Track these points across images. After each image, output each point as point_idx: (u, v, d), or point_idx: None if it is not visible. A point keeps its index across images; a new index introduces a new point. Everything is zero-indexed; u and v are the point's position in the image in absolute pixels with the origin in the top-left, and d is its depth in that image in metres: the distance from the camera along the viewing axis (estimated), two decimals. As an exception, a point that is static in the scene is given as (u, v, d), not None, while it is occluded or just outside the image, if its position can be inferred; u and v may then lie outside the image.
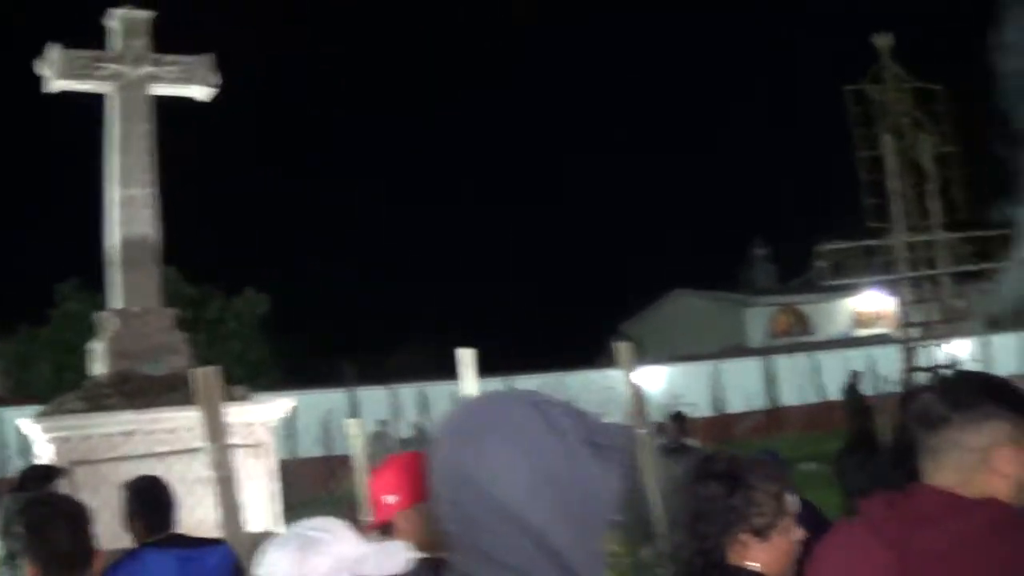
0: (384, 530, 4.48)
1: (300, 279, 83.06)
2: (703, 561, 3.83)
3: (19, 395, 42.79)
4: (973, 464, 3.15)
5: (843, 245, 40.30)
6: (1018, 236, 41.19)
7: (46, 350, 43.91)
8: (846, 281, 41.50)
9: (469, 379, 11.22)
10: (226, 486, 7.96)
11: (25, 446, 34.24)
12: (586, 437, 2.18)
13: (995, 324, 52.25)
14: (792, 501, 4.00)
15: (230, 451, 8.23)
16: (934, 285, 41.17)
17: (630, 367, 11.12)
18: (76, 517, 4.40)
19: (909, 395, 14.48)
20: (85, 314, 42.61)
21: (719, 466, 3.97)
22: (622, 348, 11.24)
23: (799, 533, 3.98)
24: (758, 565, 3.85)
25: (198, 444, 11.22)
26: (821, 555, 3.48)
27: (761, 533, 3.84)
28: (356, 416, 37.27)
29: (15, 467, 34.15)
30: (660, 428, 14.66)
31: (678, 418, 15.95)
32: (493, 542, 2.11)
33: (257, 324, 46.75)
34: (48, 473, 8.48)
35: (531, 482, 2.11)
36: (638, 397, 10.84)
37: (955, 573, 3.04)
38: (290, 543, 3.34)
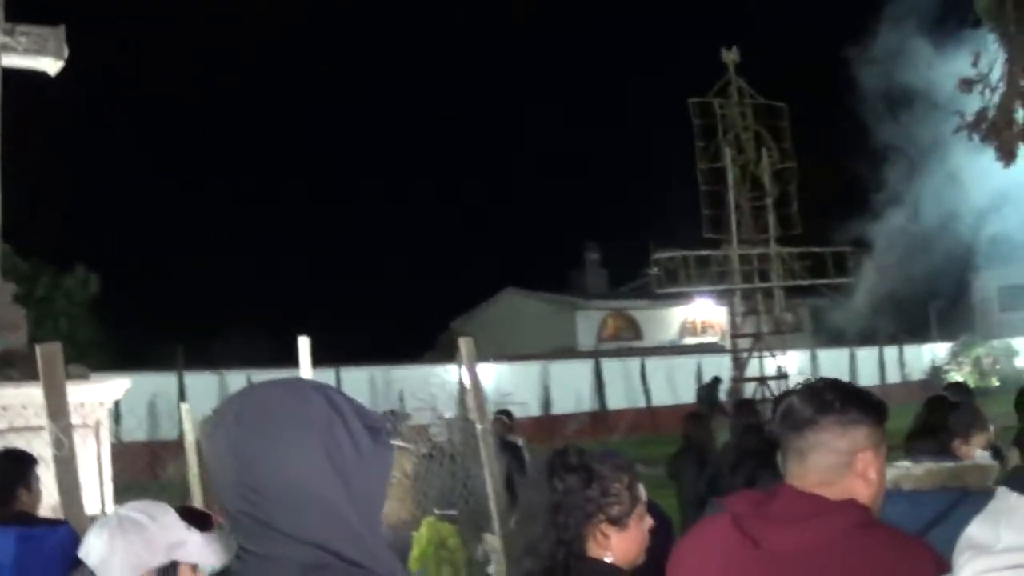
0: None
1: (130, 260, 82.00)
2: (565, 552, 3.93)
3: None
4: (837, 467, 3.28)
5: (677, 253, 40.84)
6: (858, 255, 42.17)
7: None
8: (678, 289, 42.06)
9: (305, 367, 11.20)
10: (67, 466, 7.90)
11: None
12: (364, 422, 2.33)
13: (837, 338, 53.43)
14: (642, 490, 4.14)
15: (70, 430, 8.17)
16: (766, 298, 41.90)
17: (472, 361, 11.17)
18: None
19: (741, 403, 14.79)
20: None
21: (573, 459, 4.07)
22: (464, 342, 11.28)
23: (650, 521, 4.12)
24: (611, 556, 3.97)
25: (36, 422, 11.08)
26: (685, 547, 3.59)
27: (618, 522, 3.96)
28: (183, 400, 37.00)
29: None
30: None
31: (503, 415, 16.22)
32: (291, 521, 2.21)
33: (87, 303, 46.03)
34: None
35: (326, 465, 2.23)
36: (478, 391, 10.89)
37: (813, 573, 3.18)
38: (108, 525, 3.40)
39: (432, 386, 35.00)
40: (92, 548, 3.40)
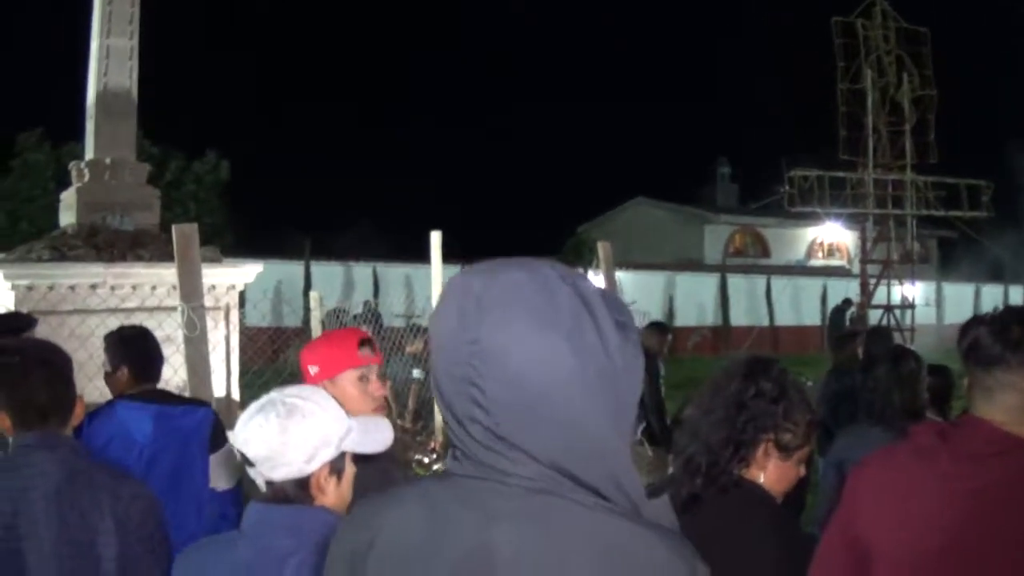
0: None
1: (261, 149, 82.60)
2: (731, 451, 3.81)
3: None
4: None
5: (812, 172, 40.20)
6: (993, 190, 41.31)
7: (3, 199, 43.37)
8: (810, 209, 41.39)
9: (436, 262, 11.15)
10: (198, 347, 7.89)
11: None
12: (615, 317, 2.02)
13: (963, 273, 52.62)
14: (813, 440, 4.01)
15: (203, 312, 8.14)
16: (898, 225, 41.22)
17: (609, 267, 11.05)
18: (52, 364, 4.15)
19: (876, 330, 14.46)
20: (45, 165, 42.39)
21: (773, 370, 3.94)
22: (603, 247, 11.17)
23: (803, 470, 3.99)
24: (762, 479, 3.85)
25: (166, 302, 11.13)
26: (865, 476, 3.44)
27: (784, 450, 3.83)
28: (308, 289, 37.36)
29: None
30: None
31: (658, 327, 13.74)
32: (525, 432, 1.95)
33: (216, 189, 46.34)
34: (18, 323, 8.20)
35: (572, 367, 1.93)
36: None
37: (999, 510, 3.02)
38: (273, 412, 3.23)
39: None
40: (255, 438, 3.22)
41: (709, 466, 3.83)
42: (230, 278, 12.44)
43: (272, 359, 18.13)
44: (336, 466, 3.34)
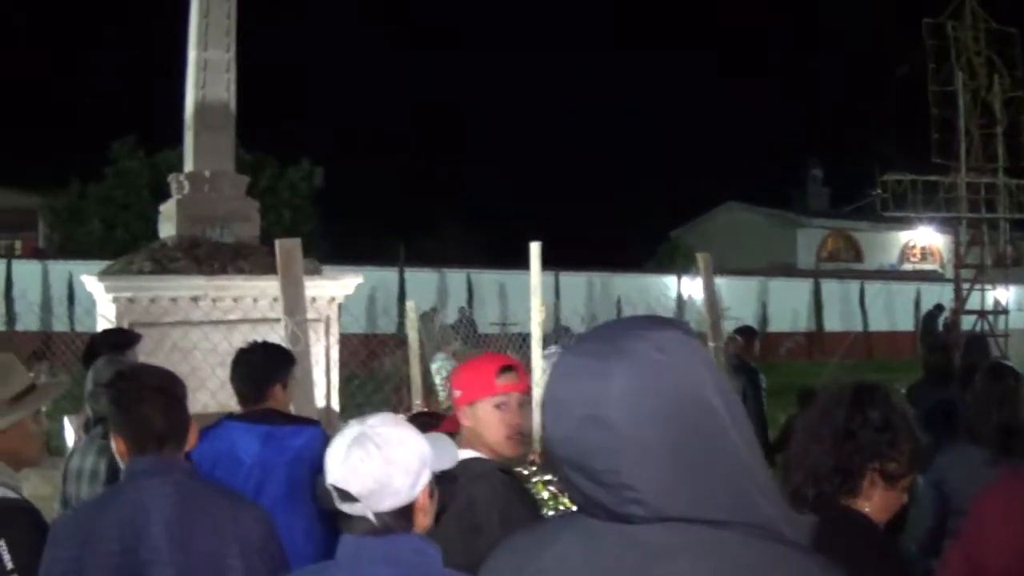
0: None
1: (354, 156, 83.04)
2: (839, 480, 3.76)
3: (67, 250, 42.83)
4: None
5: (905, 177, 39.77)
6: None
7: (97, 206, 43.88)
8: (904, 214, 40.94)
9: (535, 271, 11.13)
10: (301, 361, 7.88)
11: (73, 300, 34.67)
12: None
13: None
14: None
15: (306, 326, 8.15)
16: (991, 229, 40.68)
17: (709, 277, 10.98)
18: (168, 390, 4.19)
19: (975, 339, 14.27)
20: (140, 173, 42.90)
21: (880, 397, 3.90)
22: (702, 258, 11.09)
23: (906, 498, 3.94)
24: (868, 508, 3.80)
25: (269, 315, 11.16)
26: (988, 504, 3.39)
27: (889, 479, 3.79)
28: (403, 296, 37.50)
29: (61, 321, 34.35)
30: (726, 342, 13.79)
31: (747, 333, 13.55)
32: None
33: (310, 196, 46.64)
34: (122, 339, 8.24)
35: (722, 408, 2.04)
36: (714, 307, 10.70)
37: None
38: (370, 442, 3.22)
39: (650, 296, 34.98)
40: (359, 473, 3.21)
41: (816, 496, 3.80)
42: (330, 290, 12.46)
43: (366, 365, 18.17)
44: (432, 487, 3.37)
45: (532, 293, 12.31)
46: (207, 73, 13.16)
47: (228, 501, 4.08)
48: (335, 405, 12.55)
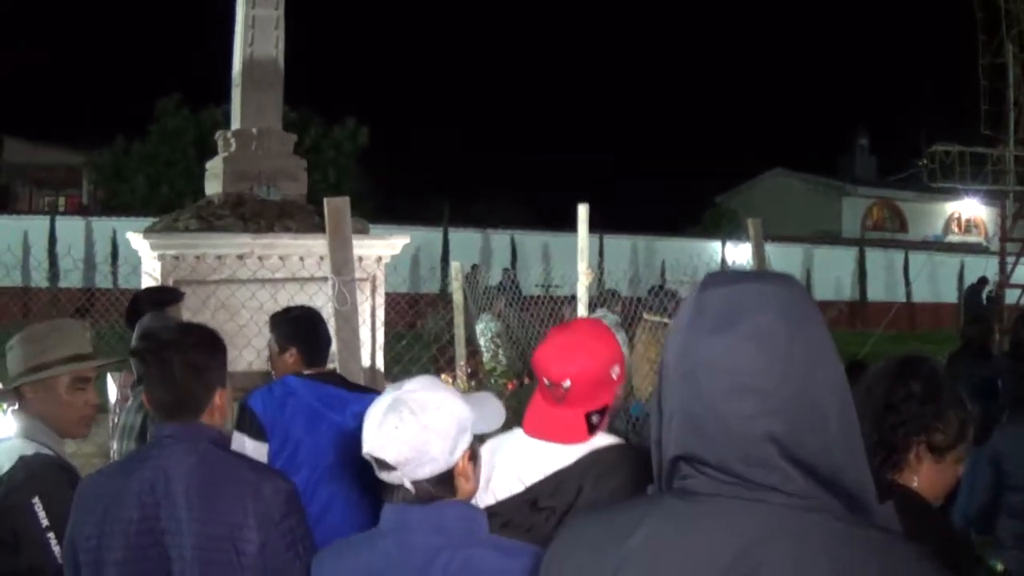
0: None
1: (399, 115, 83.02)
2: (881, 458, 3.69)
3: (111, 207, 42.95)
4: None
5: (953, 148, 39.41)
6: None
7: (142, 164, 43.93)
8: (951, 185, 40.55)
9: (583, 233, 11.07)
10: (348, 321, 7.85)
11: (116, 257, 34.74)
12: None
13: None
14: (970, 434, 3.85)
15: (354, 285, 8.10)
16: (1040, 202, 40.24)
17: (760, 243, 10.88)
18: (197, 354, 4.00)
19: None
20: (184, 131, 42.93)
21: (924, 369, 3.83)
22: (753, 223, 10.99)
23: (961, 469, 3.85)
24: (916, 483, 3.73)
25: (316, 274, 11.11)
26: None
27: (937, 451, 3.71)
28: (446, 255, 37.48)
29: (105, 278, 34.44)
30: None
31: None
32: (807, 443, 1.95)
33: (354, 155, 46.56)
34: (163, 296, 8.17)
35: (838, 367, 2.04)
36: None
37: None
38: (405, 408, 3.13)
39: (694, 259, 34.84)
40: (395, 440, 3.12)
41: None
42: (378, 250, 12.37)
43: (411, 325, 18.18)
44: (474, 451, 3.30)
45: (579, 256, 12.22)
46: (255, 30, 13.07)
47: (252, 473, 3.97)
48: (380, 365, 12.50)
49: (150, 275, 11.96)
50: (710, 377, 1.98)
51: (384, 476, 3.17)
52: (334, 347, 7.87)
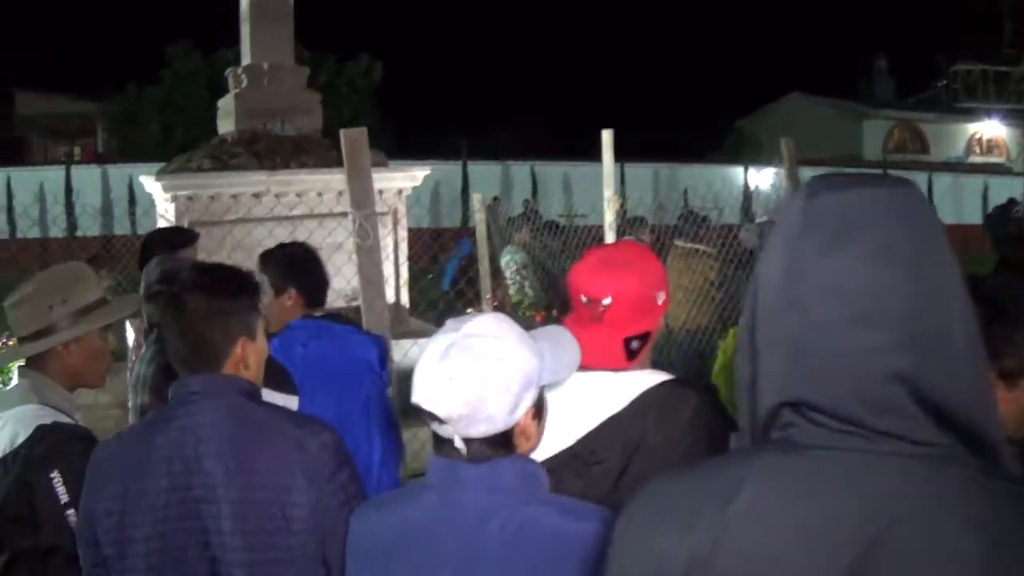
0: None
1: (414, 49, 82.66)
2: None
3: (126, 153, 42.73)
4: None
5: (976, 67, 38.98)
6: None
7: (155, 110, 43.71)
8: (975, 104, 40.20)
9: (608, 160, 10.80)
10: (370, 256, 7.51)
11: (133, 203, 34.63)
12: None
13: None
14: None
15: (375, 219, 7.76)
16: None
17: (793, 166, 10.56)
18: (218, 296, 3.46)
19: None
20: (197, 74, 42.64)
21: (987, 288, 3.40)
22: (786, 143, 10.68)
23: None
24: None
25: (334, 209, 10.80)
26: None
27: (1009, 377, 3.28)
28: (467, 190, 37.30)
29: (122, 225, 34.30)
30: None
31: None
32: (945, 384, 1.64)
33: (369, 91, 46.23)
34: (178, 237, 7.81)
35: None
36: None
37: None
38: (463, 356, 2.70)
39: (715, 186, 34.61)
40: (447, 395, 2.68)
41: None
42: (397, 182, 12.06)
43: (432, 260, 17.95)
44: (538, 406, 2.85)
45: (605, 183, 11.95)
46: (261, -41, 12.70)
47: (294, 427, 3.47)
48: (405, 301, 12.21)
49: (164, 218, 11.71)
50: (824, 304, 1.67)
51: (435, 428, 2.75)
52: (356, 283, 7.55)
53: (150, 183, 12.25)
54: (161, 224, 11.59)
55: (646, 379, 3.67)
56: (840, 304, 1.64)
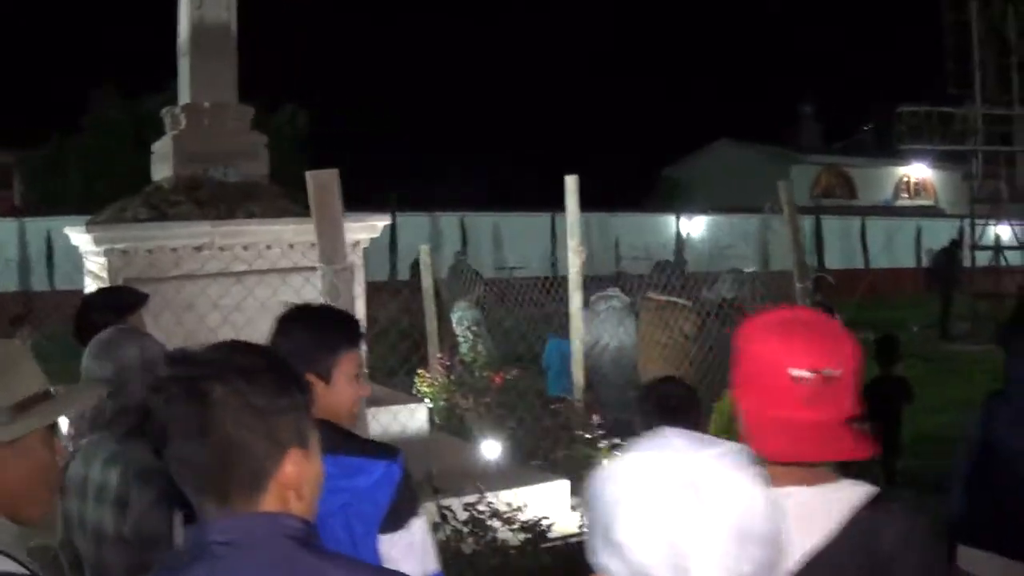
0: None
1: (340, 100, 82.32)
2: None
3: (46, 206, 41.51)
4: None
5: (921, 108, 38.83)
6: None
7: (76, 159, 42.64)
8: (921, 147, 40.09)
9: (573, 208, 10.20)
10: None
11: (52, 258, 33.56)
12: None
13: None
14: None
15: (346, 274, 6.82)
16: (1007, 164, 39.76)
17: (793, 211, 9.98)
18: (265, 395, 2.27)
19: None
20: (121, 121, 41.56)
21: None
22: (783, 187, 10.08)
23: None
24: None
25: (280, 263, 9.84)
26: None
27: None
28: (395, 242, 36.68)
29: (41, 280, 33.32)
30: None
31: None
32: None
33: (293, 141, 45.57)
34: (124, 300, 6.36)
35: None
36: (799, 247, 9.65)
37: None
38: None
39: (646, 235, 34.20)
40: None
41: None
42: (355, 233, 11.08)
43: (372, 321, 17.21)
44: None
45: (569, 231, 11.31)
46: (200, -9, 11.76)
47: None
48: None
49: (94, 275, 10.65)
50: None
51: None
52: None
53: (77, 235, 11.17)
54: (90, 283, 10.58)
55: (846, 492, 2.73)
56: None
